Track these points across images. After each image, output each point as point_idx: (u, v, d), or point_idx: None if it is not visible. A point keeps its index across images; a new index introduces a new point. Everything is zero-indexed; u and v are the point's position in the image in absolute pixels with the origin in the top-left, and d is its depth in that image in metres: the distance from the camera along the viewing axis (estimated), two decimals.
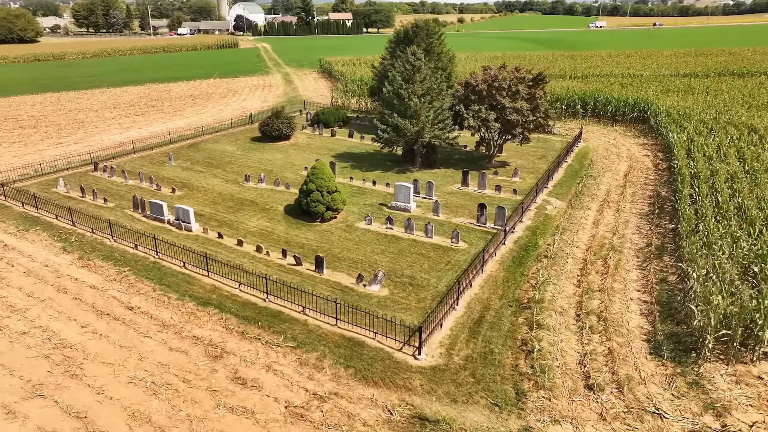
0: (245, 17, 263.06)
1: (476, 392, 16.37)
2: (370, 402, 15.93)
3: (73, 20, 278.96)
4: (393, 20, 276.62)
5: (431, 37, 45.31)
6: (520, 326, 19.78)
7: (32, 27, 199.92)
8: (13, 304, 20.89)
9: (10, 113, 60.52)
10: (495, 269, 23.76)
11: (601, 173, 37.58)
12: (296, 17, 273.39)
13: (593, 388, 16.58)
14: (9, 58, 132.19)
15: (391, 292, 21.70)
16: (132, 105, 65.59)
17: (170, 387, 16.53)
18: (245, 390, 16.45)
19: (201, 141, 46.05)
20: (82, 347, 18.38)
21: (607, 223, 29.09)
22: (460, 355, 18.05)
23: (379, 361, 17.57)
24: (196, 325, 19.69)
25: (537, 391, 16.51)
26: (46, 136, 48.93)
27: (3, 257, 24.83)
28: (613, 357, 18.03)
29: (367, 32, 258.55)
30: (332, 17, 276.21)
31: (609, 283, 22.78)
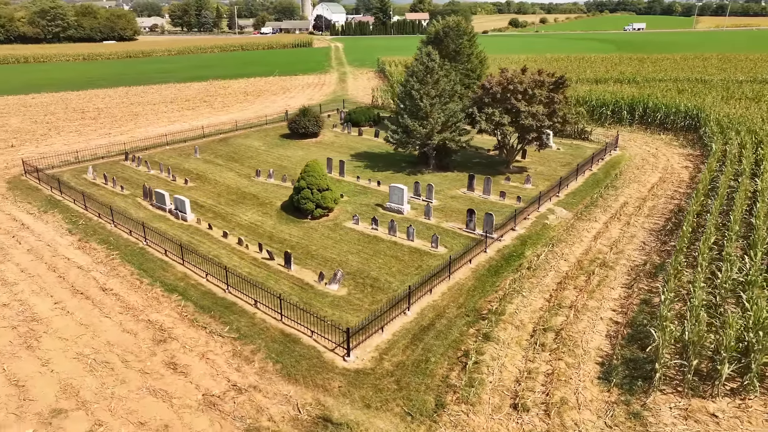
0: (324, 17, 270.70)
1: (394, 400, 16.01)
2: (284, 398, 16.03)
3: (169, 20, 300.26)
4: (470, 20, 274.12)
5: (461, 38, 44.43)
6: (468, 337, 19.10)
7: (131, 26, 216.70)
8: (5, 278, 22.89)
9: (80, 105, 65.98)
10: (466, 277, 23.04)
11: (626, 184, 35.28)
12: (373, 17, 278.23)
13: (518, 408, 15.73)
14: (104, 55, 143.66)
15: (348, 292, 21.65)
16: (187, 100, 69.43)
17: (108, 365, 17.48)
18: (173, 375, 17.08)
19: (233, 136, 47.98)
20: (47, 322, 19.83)
21: (609, 237, 27.33)
22: (392, 360, 17.71)
23: (307, 360, 17.62)
24: (155, 310, 20.64)
25: (458, 405, 15.91)
26: (99, 127, 52.96)
27: (16, 235, 27.24)
28: (554, 378, 17.00)
29: None
30: (408, 17, 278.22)
31: (584, 300, 21.44)
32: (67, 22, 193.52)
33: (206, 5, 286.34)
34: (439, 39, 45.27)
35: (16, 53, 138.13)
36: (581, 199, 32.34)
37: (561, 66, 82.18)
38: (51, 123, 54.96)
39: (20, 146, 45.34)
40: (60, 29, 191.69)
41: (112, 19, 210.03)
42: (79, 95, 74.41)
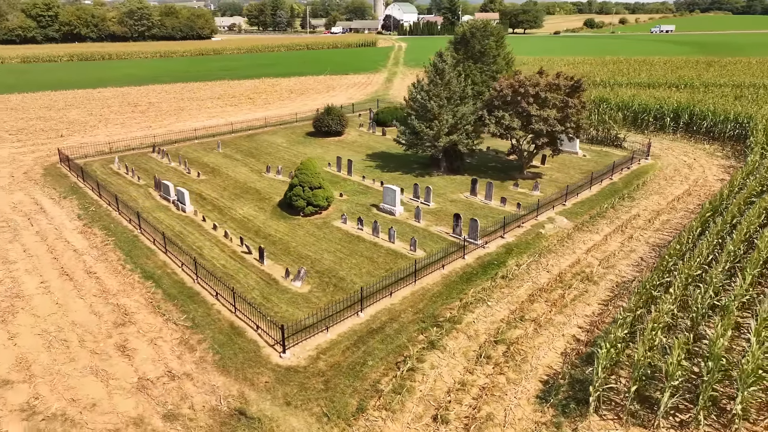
0: (393, 17, 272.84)
1: (316, 400, 15.99)
2: (211, 389, 16.41)
3: (246, 19, 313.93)
4: (541, 20, 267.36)
5: (487, 38, 43.36)
6: (415, 343, 18.70)
7: (208, 25, 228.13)
8: (7, 257, 24.84)
9: (135, 99, 70.21)
10: (434, 282, 22.55)
11: (646, 196, 33.17)
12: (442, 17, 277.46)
13: (438, 420, 15.27)
14: (179, 53, 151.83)
15: (310, 290, 21.79)
16: (234, 96, 72.16)
17: (65, 343, 18.59)
18: (120, 357, 17.90)
19: (260, 132, 49.42)
20: (28, 299, 21.34)
21: (605, 250, 25.84)
22: (328, 361, 17.67)
23: (244, 353, 17.93)
24: (127, 294, 21.70)
25: (379, 411, 15.66)
26: (143, 120, 56.16)
27: (31, 217, 29.47)
28: (489, 392, 16.36)
29: (513, 33, 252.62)
30: (478, 17, 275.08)
31: (552, 314, 20.44)
32: (151, 21, 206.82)
33: (281, 5, 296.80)
34: (466, 40, 44.42)
35: (102, 50, 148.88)
36: (588, 209, 30.75)
37: (613, 69, 78.34)
38: (103, 115, 58.88)
39: (68, 136, 48.92)
40: (145, 28, 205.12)
41: (192, 19, 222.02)
42: (139, 90, 79.19)
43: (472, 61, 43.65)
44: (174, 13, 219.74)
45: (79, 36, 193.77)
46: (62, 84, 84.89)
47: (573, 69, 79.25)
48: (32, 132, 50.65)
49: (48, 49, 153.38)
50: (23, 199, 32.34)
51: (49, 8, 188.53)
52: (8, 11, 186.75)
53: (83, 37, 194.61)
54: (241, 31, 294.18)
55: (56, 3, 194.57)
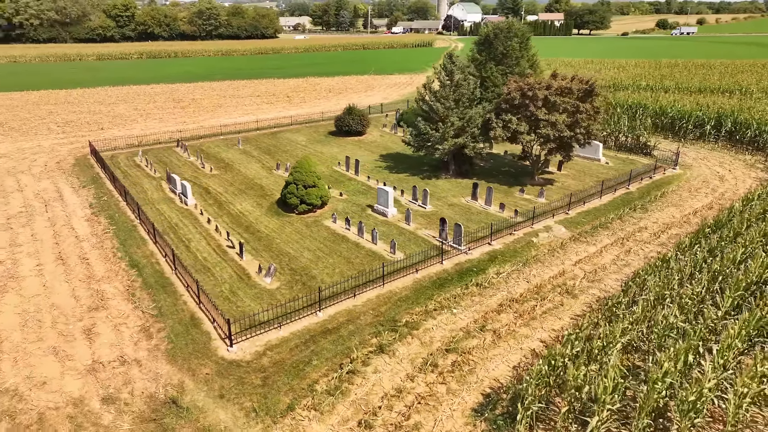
0: (454, 17, 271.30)
1: (250, 395, 16.21)
2: (154, 376, 16.98)
3: (310, 19, 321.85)
4: (608, 21, 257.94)
5: (510, 40, 42.24)
6: (366, 346, 18.57)
7: (272, 25, 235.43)
8: (16, 240, 26.68)
9: (180, 96, 73.42)
10: (404, 286, 22.27)
11: (661, 208, 31.30)
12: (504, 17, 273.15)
13: (362, 425, 15.11)
14: (239, 51, 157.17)
15: (278, 287, 22.07)
16: (273, 94, 73.99)
17: (39, 324, 19.76)
18: (83, 340, 18.84)
19: (284, 130, 50.42)
20: (21, 281, 22.84)
21: (596, 262, 24.64)
22: (273, 357, 17.86)
23: (195, 344, 18.41)
24: (109, 281, 22.79)
25: (308, 411, 15.68)
26: (181, 115, 58.65)
27: (48, 204, 31.49)
28: (424, 401, 16.02)
29: (578, 34, 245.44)
30: (541, 17, 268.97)
31: (516, 326, 19.73)
32: (219, 21, 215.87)
33: (345, 5, 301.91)
34: (489, 41, 43.47)
35: (169, 49, 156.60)
36: (592, 219, 29.39)
37: (665, 73, 74.21)
38: (146, 110, 61.98)
39: (108, 129, 51.85)
40: (212, 27, 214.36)
41: (257, 19, 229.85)
42: (187, 87, 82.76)
43: (494, 63, 42.67)
44: (240, 13, 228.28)
45: (152, 35, 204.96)
46: (123, 80, 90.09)
47: (619, 73, 76.00)
48: (78, 124, 54.08)
49: (122, 47, 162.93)
50: (48, 186, 34.60)
51: (127, 9, 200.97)
52: (91, 12, 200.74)
53: (156, 36, 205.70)
54: (305, 31, 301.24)
55: (133, 4, 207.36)
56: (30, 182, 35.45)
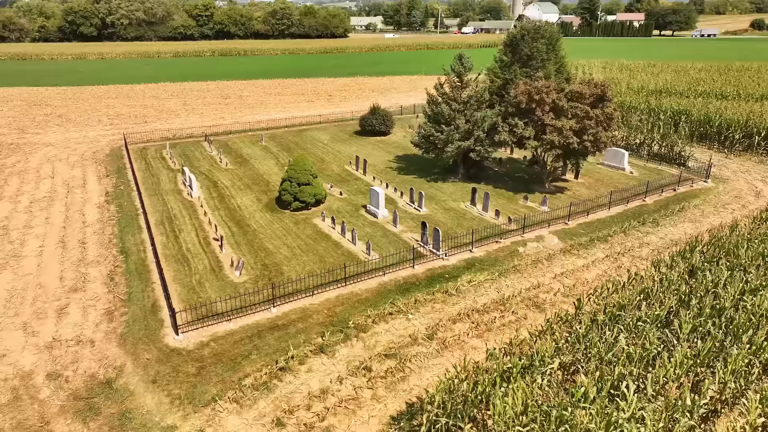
0: (526, 17, 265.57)
1: (180, 382, 16.75)
2: (101, 357, 17.90)
3: (382, 19, 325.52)
4: (694, 21, 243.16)
5: (535, 41, 40.66)
6: (309, 345, 18.67)
7: (343, 25, 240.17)
8: (31, 223, 28.87)
9: (229, 92, 76.40)
10: (368, 288, 22.14)
11: (675, 223, 29.23)
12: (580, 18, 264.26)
13: (275, 422, 15.26)
14: (306, 50, 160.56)
15: (245, 281, 22.58)
16: (316, 93, 75.43)
17: (21, 300, 21.32)
18: (53, 318, 20.13)
19: (311, 128, 51.30)
20: (21, 259, 24.71)
21: (579, 277, 23.44)
22: (215, 349, 18.33)
23: (147, 330, 19.21)
24: (97, 265, 24.21)
25: (230, 403, 16.01)
26: (222, 111, 61.05)
27: (72, 191, 33.82)
28: (345, 405, 15.94)
29: (660, 35, 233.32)
30: (620, 18, 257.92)
31: (468, 337, 19.19)
32: (291, 20, 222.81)
33: (417, 5, 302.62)
34: (515, 42, 42.08)
35: (239, 47, 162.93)
36: (593, 231, 27.91)
37: (731, 78, 68.74)
38: (192, 106, 65.04)
39: (151, 123, 54.90)
40: (285, 27, 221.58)
41: (328, 18, 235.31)
42: (240, 84, 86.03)
43: (519, 65, 41.26)
44: (312, 13, 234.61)
45: (228, 34, 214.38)
46: (185, 76, 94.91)
47: (677, 77, 71.32)
48: (126, 117, 57.65)
49: (197, 45, 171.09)
50: (77, 174, 37.17)
51: (207, 8, 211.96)
52: (175, 12, 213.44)
53: (231, 34, 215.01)
54: (376, 31, 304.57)
55: (213, 4, 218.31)
56: (63, 170, 38.23)
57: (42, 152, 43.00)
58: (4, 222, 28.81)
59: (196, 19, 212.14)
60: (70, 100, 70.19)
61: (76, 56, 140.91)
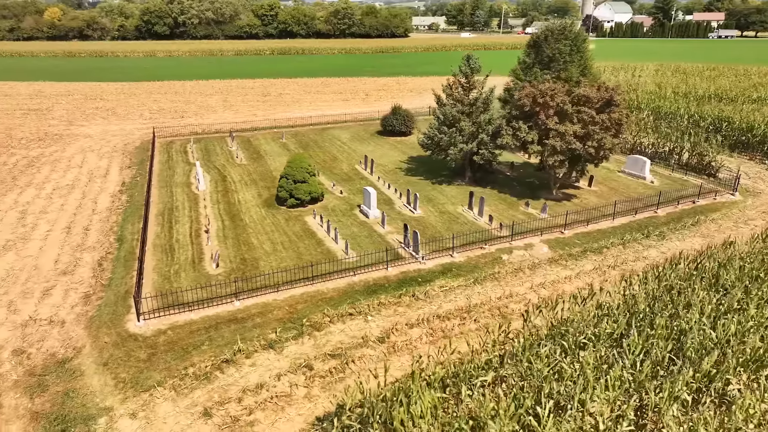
0: (593, 17, 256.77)
1: (130, 367, 17.45)
2: (66, 338, 18.92)
3: (445, 18, 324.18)
4: None
5: (558, 42, 39.22)
6: (261, 340, 18.97)
7: (403, 25, 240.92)
8: (47, 209, 30.87)
9: (270, 90, 78.47)
10: (335, 287, 22.17)
11: (684, 237, 27.49)
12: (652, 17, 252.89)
13: (204, 413, 15.65)
14: (362, 50, 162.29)
15: (219, 273, 23.18)
16: (353, 92, 76.20)
17: (15, 280, 22.86)
18: (38, 298, 21.45)
19: (334, 127, 51.86)
20: (27, 242, 26.49)
21: (559, 288, 22.51)
22: (171, 337, 18.95)
23: (114, 315, 20.12)
24: (92, 252, 25.59)
25: (169, 390, 16.53)
26: (257, 108, 62.79)
27: (92, 180, 35.87)
28: (275, 401, 16.13)
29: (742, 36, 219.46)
30: (696, 18, 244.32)
31: (421, 343, 18.91)
32: (353, 20, 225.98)
33: (481, 5, 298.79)
34: (538, 44, 40.80)
35: (298, 46, 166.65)
36: (588, 242, 26.68)
37: None
38: (231, 103, 67.31)
39: (187, 117, 57.31)
40: (346, 26, 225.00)
41: (389, 18, 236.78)
42: (282, 81, 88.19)
43: (540, 67, 39.95)
44: (373, 13, 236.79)
45: (291, 33, 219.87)
46: (235, 74, 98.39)
47: (736, 81, 66.67)
48: (166, 112, 60.48)
49: (258, 44, 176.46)
50: (102, 165, 39.42)
51: (272, 8, 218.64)
52: (242, 11, 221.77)
53: (294, 33, 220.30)
54: (438, 30, 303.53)
55: (278, 4, 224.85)
56: (92, 160, 40.64)
57: (79, 143, 45.87)
58: (24, 207, 30.97)
59: (261, 19, 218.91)
60: (123, 95, 74.38)
61: (147, 53, 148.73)
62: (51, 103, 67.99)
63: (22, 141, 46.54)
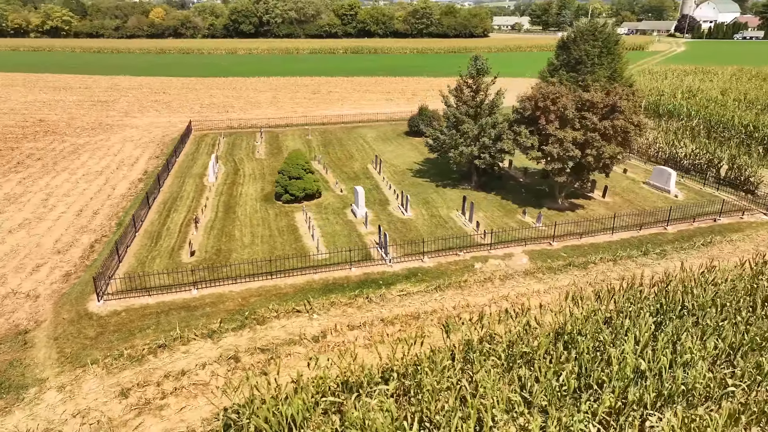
0: (690, 17, 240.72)
1: (76, 343, 18.59)
2: (34, 311, 20.48)
3: (529, 18, 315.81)
4: None
5: (586, 44, 37.11)
6: (203, 329, 19.59)
7: (482, 25, 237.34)
8: (69, 192, 33.41)
9: (321, 88, 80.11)
10: (293, 284, 22.42)
11: (687, 258, 25.25)
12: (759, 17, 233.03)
13: (122, 394, 16.45)
14: (433, 49, 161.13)
15: (191, 262, 24.12)
16: (400, 92, 76.20)
17: (15, 255, 25.00)
18: (27, 273, 23.35)
19: (363, 126, 52.12)
20: (40, 222, 28.86)
21: (523, 302, 21.44)
22: (123, 318, 19.98)
23: (82, 294, 21.48)
24: (91, 234, 27.47)
25: (100, 368, 17.47)
26: (300, 105, 64.35)
27: (121, 168, 38.37)
28: (190, 389, 16.66)
29: None
30: None
31: (355, 346, 18.76)
32: (431, 20, 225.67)
33: (569, 4, 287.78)
34: (567, 45, 38.87)
35: (370, 45, 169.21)
36: (576, 256, 25.19)
37: None
38: (277, 99, 69.45)
39: (231, 112, 59.85)
40: (423, 26, 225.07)
41: (468, 18, 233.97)
42: (336, 80, 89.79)
43: (566, 70, 38.02)
44: (453, 13, 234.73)
45: (369, 32, 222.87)
46: (295, 72, 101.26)
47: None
48: (215, 106, 63.46)
49: (333, 43, 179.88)
50: (135, 154, 42.10)
51: (351, 8, 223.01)
52: (324, 11, 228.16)
53: (372, 33, 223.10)
54: (521, 31, 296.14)
55: (358, 4, 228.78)
56: (128, 150, 43.52)
57: (124, 134, 49.25)
58: (52, 190, 33.76)
59: (341, 18, 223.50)
60: (185, 90, 78.84)
61: (228, 51, 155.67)
62: (120, 95, 73.38)
63: (77, 129, 50.65)
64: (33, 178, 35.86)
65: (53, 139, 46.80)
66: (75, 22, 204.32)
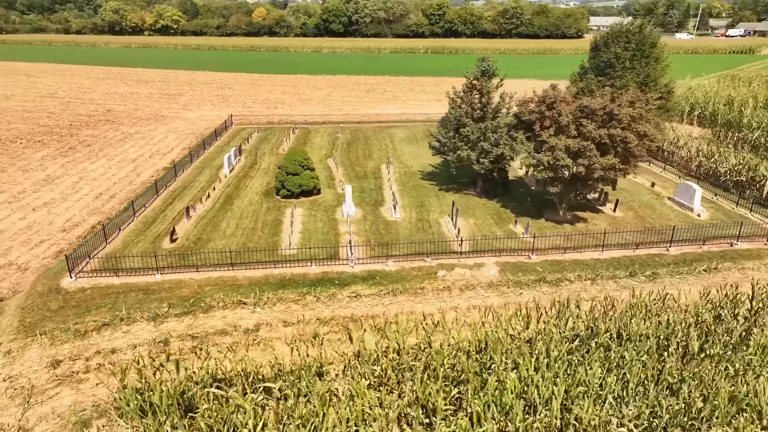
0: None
1: (37, 314, 20.28)
2: (17, 282, 22.65)
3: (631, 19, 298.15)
4: None
5: (617, 45, 34.48)
6: (149, 311, 20.68)
7: (576, 25, 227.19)
8: (102, 176, 36.29)
9: (374, 87, 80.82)
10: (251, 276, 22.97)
11: (678, 283, 23.03)
12: None
13: (53, 365, 17.82)
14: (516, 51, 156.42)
15: (168, 248, 25.46)
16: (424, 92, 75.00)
17: (29, 230, 27.71)
18: (28, 247, 25.83)
19: (394, 125, 51.98)
20: (62, 202, 31.66)
21: (469, 316, 20.65)
22: (87, 295, 21.45)
23: (61, 270, 23.30)
24: (98, 215, 29.70)
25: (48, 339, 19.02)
26: (349, 103, 65.32)
27: (154, 156, 41.07)
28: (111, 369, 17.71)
29: None
30: None
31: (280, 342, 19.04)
32: (521, 20, 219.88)
33: (679, 3, 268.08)
34: (598, 48, 36.40)
35: (450, 45, 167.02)
36: (553, 272, 23.72)
37: None
38: (330, 96, 70.92)
39: (279, 108, 62.00)
40: (513, 26, 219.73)
41: (561, 18, 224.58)
42: (397, 79, 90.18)
43: (595, 74, 35.56)
44: (545, 12, 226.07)
45: (456, 32, 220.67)
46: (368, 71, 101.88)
47: None
48: (264, 102, 66.02)
49: (416, 43, 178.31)
50: (172, 144, 44.88)
51: (440, 8, 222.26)
52: (412, 11, 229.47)
53: (459, 33, 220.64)
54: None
55: (447, 3, 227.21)
56: (169, 140, 46.47)
57: (172, 125, 52.61)
58: (85, 173, 36.88)
59: (429, 18, 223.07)
60: (251, 86, 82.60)
61: (314, 50, 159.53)
62: (189, 89, 78.30)
63: (134, 120, 54.83)
64: (75, 162, 39.37)
65: (109, 128, 51.00)
66: (183, 21, 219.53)
